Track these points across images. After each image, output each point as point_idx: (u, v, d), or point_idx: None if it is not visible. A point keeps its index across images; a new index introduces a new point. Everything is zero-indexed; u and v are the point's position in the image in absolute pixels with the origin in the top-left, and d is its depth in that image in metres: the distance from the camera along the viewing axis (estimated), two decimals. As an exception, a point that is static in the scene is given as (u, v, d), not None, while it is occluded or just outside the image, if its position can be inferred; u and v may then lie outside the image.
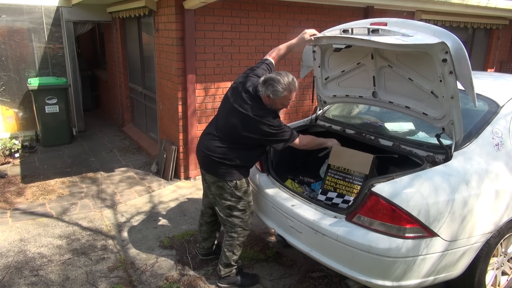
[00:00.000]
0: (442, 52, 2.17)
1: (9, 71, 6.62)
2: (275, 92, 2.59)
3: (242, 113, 2.65)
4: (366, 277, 2.33)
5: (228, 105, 2.76)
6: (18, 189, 4.74)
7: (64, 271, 3.18)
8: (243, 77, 2.81)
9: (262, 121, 2.62)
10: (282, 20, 5.38)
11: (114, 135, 7.28)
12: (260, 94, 2.65)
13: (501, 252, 2.73)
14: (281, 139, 2.71)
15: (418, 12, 6.65)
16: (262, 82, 2.64)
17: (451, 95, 2.33)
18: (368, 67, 2.86)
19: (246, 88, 2.71)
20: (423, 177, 2.34)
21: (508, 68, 8.66)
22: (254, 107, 2.64)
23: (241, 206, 2.85)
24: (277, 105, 2.69)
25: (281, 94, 2.61)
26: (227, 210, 2.86)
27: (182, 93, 4.86)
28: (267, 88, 2.60)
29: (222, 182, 2.78)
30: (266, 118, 2.63)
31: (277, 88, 2.58)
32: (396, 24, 2.44)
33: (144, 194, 4.69)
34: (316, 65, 3.21)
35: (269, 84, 2.59)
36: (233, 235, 2.91)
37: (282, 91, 2.60)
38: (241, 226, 2.90)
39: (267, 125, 2.62)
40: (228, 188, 2.78)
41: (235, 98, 2.73)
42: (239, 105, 2.68)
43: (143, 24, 6.05)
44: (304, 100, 5.92)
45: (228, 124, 2.72)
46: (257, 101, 2.67)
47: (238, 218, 2.88)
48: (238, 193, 2.81)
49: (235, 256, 2.96)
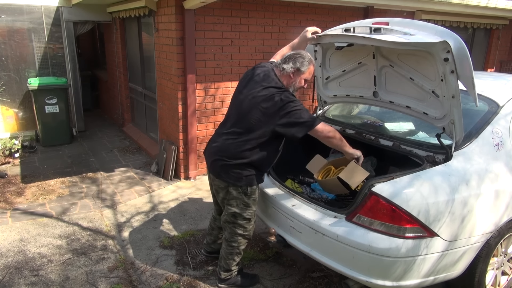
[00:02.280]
0: (444, 51, 2.17)
1: (9, 71, 6.62)
2: (303, 64, 2.61)
3: (258, 93, 2.58)
4: (366, 277, 2.33)
5: (239, 97, 2.70)
6: (18, 189, 4.74)
7: (64, 271, 3.18)
8: (250, 71, 2.78)
9: (281, 93, 2.54)
10: (282, 20, 5.38)
11: (114, 135, 7.28)
12: (283, 73, 2.64)
13: (501, 252, 2.73)
14: (302, 121, 2.51)
15: (418, 12, 6.65)
16: (285, 58, 2.65)
17: (452, 94, 2.33)
18: (369, 66, 2.87)
19: (257, 75, 2.68)
20: (423, 177, 2.34)
21: (508, 68, 8.66)
22: (270, 86, 2.58)
23: (247, 214, 2.76)
24: (300, 82, 2.67)
25: (308, 66, 2.63)
26: (232, 217, 2.77)
27: (182, 93, 4.86)
28: (295, 62, 2.61)
29: (232, 187, 2.68)
30: (284, 93, 2.55)
31: (305, 60, 2.61)
32: (398, 23, 2.44)
33: (144, 194, 4.69)
34: (317, 64, 3.22)
35: (295, 58, 2.61)
36: (233, 244, 2.84)
37: (308, 63, 2.63)
38: (242, 235, 2.82)
39: (287, 101, 2.51)
40: (237, 193, 2.68)
41: (246, 86, 2.68)
42: (252, 88, 2.63)
43: (143, 24, 6.05)
44: (304, 100, 5.91)
45: (243, 111, 2.62)
46: (271, 82, 2.60)
47: (241, 227, 2.79)
48: (247, 200, 2.71)
49: (235, 262, 2.92)
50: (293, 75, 2.63)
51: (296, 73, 2.62)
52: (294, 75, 2.63)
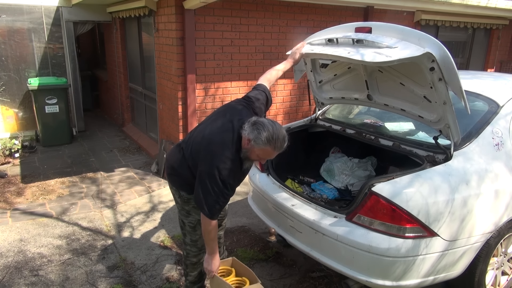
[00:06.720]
0: (429, 61, 2.16)
1: (9, 71, 6.62)
2: (257, 140, 2.14)
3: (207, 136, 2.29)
4: (366, 276, 2.33)
5: (204, 127, 2.41)
6: (18, 189, 4.74)
7: (64, 271, 3.18)
8: (239, 104, 2.45)
9: (218, 157, 2.17)
10: (282, 20, 5.38)
11: (114, 135, 7.28)
12: (242, 133, 2.21)
13: (501, 252, 2.73)
14: (208, 194, 2.18)
15: (418, 12, 6.65)
16: (251, 122, 2.20)
17: (443, 101, 2.33)
18: (359, 71, 2.86)
19: (234, 118, 2.32)
20: (423, 177, 2.34)
21: (508, 68, 8.66)
22: (227, 140, 2.22)
23: (189, 222, 2.52)
24: (252, 154, 2.22)
25: (260, 146, 2.15)
26: (181, 223, 2.60)
27: (182, 93, 4.87)
28: (252, 131, 2.16)
29: (174, 190, 2.55)
30: (224, 157, 2.17)
31: (260, 138, 2.13)
32: (380, 29, 2.39)
33: (144, 194, 4.69)
34: (308, 69, 3.21)
35: (256, 128, 2.16)
36: (184, 252, 2.66)
37: (264, 144, 2.14)
38: (190, 244, 2.59)
39: (216, 166, 2.15)
40: (178, 198, 2.52)
41: (217, 119, 2.38)
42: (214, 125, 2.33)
43: (143, 24, 6.05)
44: (304, 100, 5.92)
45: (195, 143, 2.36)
46: (234, 136, 2.24)
47: (186, 236, 2.58)
48: (187, 207, 2.49)
49: (189, 277, 2.68)
50: (248, 143, 2.18)
51: (250, 143, 2.18)
52: (248, 143, 2.18)
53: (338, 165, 3.36)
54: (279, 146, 2.19)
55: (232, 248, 3.51)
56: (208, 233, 2.30)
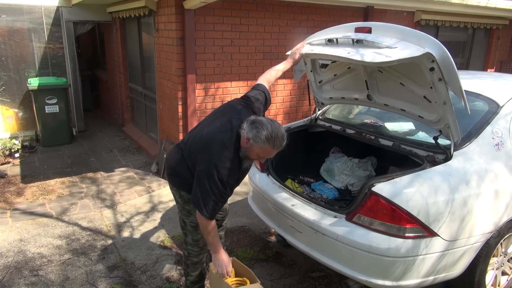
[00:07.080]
0: (429, 61, 2.16)
1: (9, 71, 6.62)
2: (256, 139, 2.14)
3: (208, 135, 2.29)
4: (366, 276, 2.33)
5: (202, 127, 2.42)
6: (18, 189, 4.74)
7: (64, 271, 3.18)
8: (238, 104, 2.45)
9: (217, 156, 2.16)
10: (282, 20, 5.38)
11: (114, 135, 7.28)
12: (241, 132, 2.20)
13: (501, 252, 2.73)
14: (206, 194, 2.18)
15: (418, 12, 6.65)
16: (250, 121, 2.20)
17: (443, 101, 2.33)
18: (359, 71, 2.86)
19: (233, 118, 2.32)
20: (423, 177, 2.34)
21: (508, 68, 8.66)
22: (226, 140, 2.21)
23: (191, 222, 2.52)
24: (252, 153, 2.21)
25: (260, 144, 2.14)
26: (182, 223, 2.62)
27: (182, 93, 4.87)
28: (251, 130, 2.16)
29: (174, 190, 2.56)
30: (223, 156, 2.17)
31: (260, 137, 2.13)
32: (380, 29, 2.39)
33: (144, 194, 4.69)
34: (308, 69, 3.21)
35: (255, 127, 2.15)
36: (185, 252, 2.67)
37: (263, 143, 2.14)
38: (191, 244, 2.59)
39: (215, 166, 2.15)
40: (179, 198, 2.53)
41: (216, 118, 2.38)
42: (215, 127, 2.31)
43: (143, 24, 6.05)
44: (304, 100, 5.92)
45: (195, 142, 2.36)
46: (233, 136, 2.24)
47: (188, 235, 2.59)
48: (187, 207, 2.49)
49: (190, 277, 2.68)
50: (247, 142, 2.18)
51: (249, 142, 2.17)
52: (247, 142, 2.18)
53: (338, 165, 3.36)
54: (279, 144, 2.19)
55: (232, 248, 3.51)
56: (208, 234, 2.30)
